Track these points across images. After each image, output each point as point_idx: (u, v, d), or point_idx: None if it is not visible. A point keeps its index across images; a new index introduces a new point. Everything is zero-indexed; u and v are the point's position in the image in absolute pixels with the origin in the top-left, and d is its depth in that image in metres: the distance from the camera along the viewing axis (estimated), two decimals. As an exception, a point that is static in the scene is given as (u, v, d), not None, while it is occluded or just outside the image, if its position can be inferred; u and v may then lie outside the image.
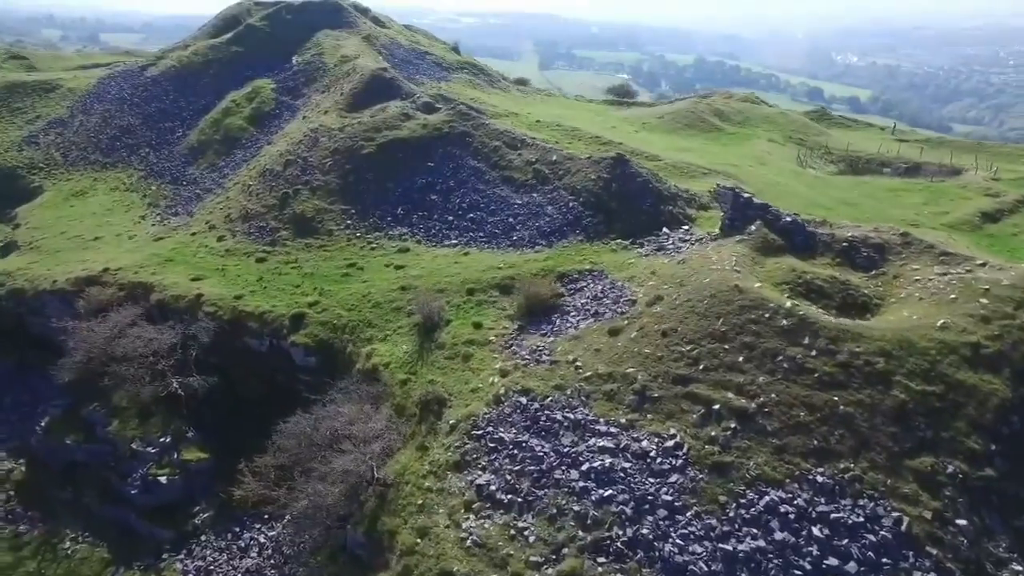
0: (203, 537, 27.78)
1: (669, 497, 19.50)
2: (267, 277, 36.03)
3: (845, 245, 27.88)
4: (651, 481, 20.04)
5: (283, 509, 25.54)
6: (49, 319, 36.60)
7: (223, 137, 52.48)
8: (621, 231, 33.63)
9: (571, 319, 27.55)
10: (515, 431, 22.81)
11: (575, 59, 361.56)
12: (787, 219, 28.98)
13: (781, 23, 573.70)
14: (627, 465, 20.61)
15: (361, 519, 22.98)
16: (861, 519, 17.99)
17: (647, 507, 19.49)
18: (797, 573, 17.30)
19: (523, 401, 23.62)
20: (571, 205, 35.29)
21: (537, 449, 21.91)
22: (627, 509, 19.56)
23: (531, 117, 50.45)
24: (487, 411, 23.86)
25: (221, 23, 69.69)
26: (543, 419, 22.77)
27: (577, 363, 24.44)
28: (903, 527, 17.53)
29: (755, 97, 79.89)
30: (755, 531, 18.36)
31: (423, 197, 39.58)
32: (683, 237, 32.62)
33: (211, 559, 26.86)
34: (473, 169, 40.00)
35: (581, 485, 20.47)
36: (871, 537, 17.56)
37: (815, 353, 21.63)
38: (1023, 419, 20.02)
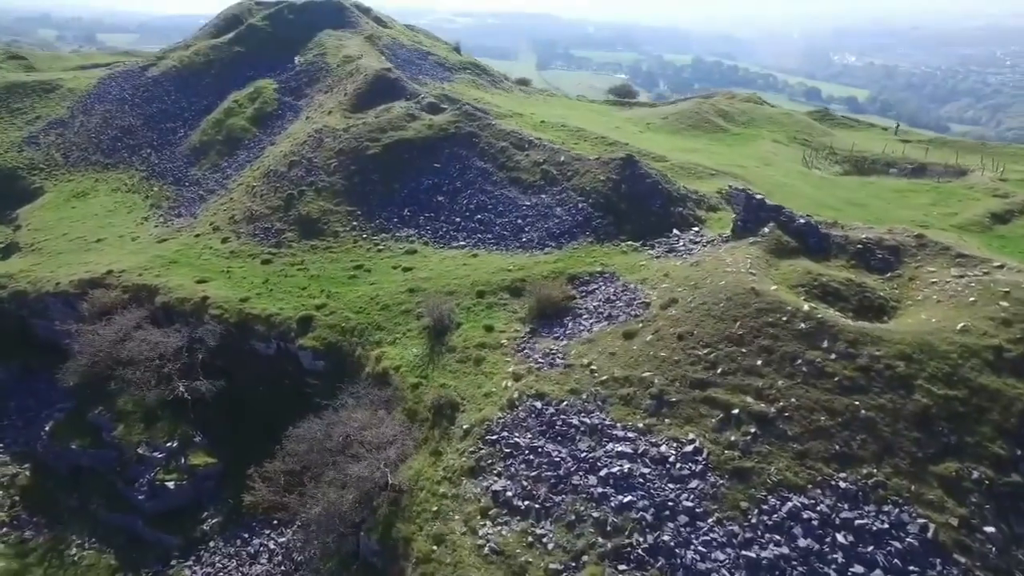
0: (212, 543, 27.44)
1: (690, 503, 19.24)
2: (273, 279, 35.68)
3: (859, 247, 27.62)
4: (671, 487, 19.80)
5: (294, 515, 25.21)
6: (53, 322, 36.30)
7: (225, 138, 52.10)
8: (631, 233, 33.32)
9: (584, 322, 27.27)
10: (530, 436, 22.55)
11: (573, 59, 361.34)
12: (800, 221, 28.74)
13: (778, 23, 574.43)
14: (646, 471, 20.36)
15: (374, 526, 22.68)
16: (886, 526, 17.74)
17: (667, 513, 19.25)
18: (822, 581, 17.09)
19: (538, 406, 23.35)
20: (580, 206, 34.97)
21: (554, 454, 21.64)
22: (647, 515, 19.31)
23: (535, 117, 50.11)
24: (501, 416, 23.58)
25: (222, 23, 69.30)
26: (559, 424, 22.49)
27: (592, 367, 24.17)
28: (929, 534, 17.28)
29: (758, 97, 79.77)
30: (778, 538, 18.13)
31: (430, 198, 39.26)
32: (694, 239, 32.35)
33: (220, 566, 26.52)
34: (480, 170, 39.68)
35: (600, 491, 20.22)
36: (897, 544, 17.31)
37: (834, 357, 21.38)
38: (1048, 424, 19.80)
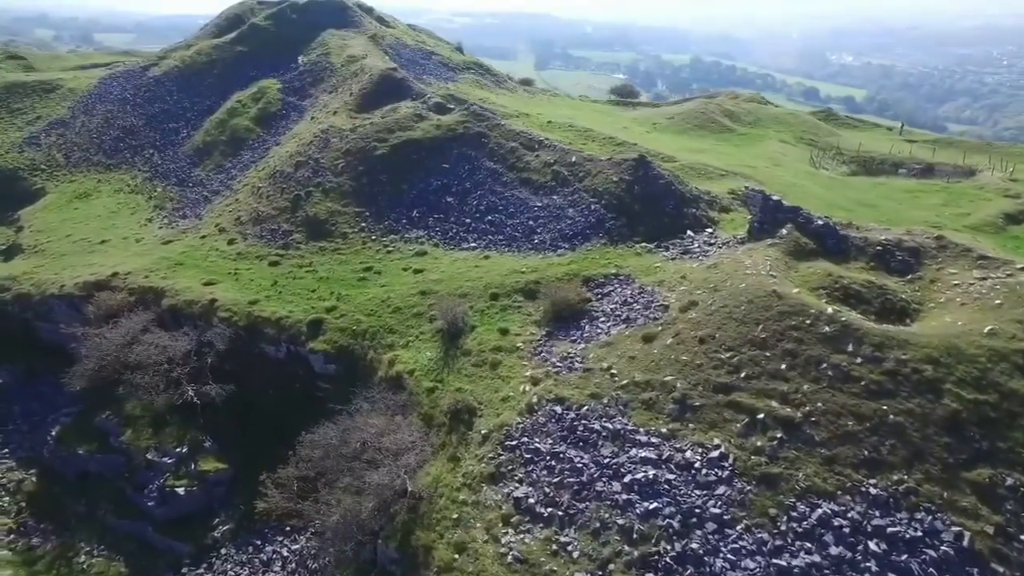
0: (223, 551, 26.96)
1: (717, 510, 18.91)
2: (282, 281, 35.25)
3: (879, 249, 27.35)
4: (697, 493, 19.46)
5: (308, 522, 24.82)
6: (58, 325, 35.83)
7: (229, 138, 51.63)
8: (645, 234, 32.96)
9: (601, 325, 26.91)
10: (551, 441, 22.19)
11: (571, 59, 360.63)
12: (819, 222, 28.44)
13: (777, 23, 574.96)
14: (671, 477, 20.03)
15: (392, 533, 22.27)
16: (919, 533, 17.43)
17: (695, 520, 18.92)
18: (856, 590, 16.80)
19: (558, 410, 22.99)
20: (593, 207, 34.60)
21: (576, 460, 21.29)
22: (674, 523, 18.97)
23: (542, 118, 49.70)
24: (520, 421, 23.22)
25: (224, 23, 68.77)
26: (580, 429, 22.14)
27: (612, 371, 23.81)
28: (965, 542, 16.97)
29: (761, 97, 79.61)
30: (809, 545, 17.80)
31: (439, 199, 38.87)
32: (708, 240, 32.04)
33: (232, 573, 26.07)
34: (490, 171, 39.29)
35: (624, 498, 19.88)
36: (931, 552, 17.00)
37: (860, 360, 21.07)
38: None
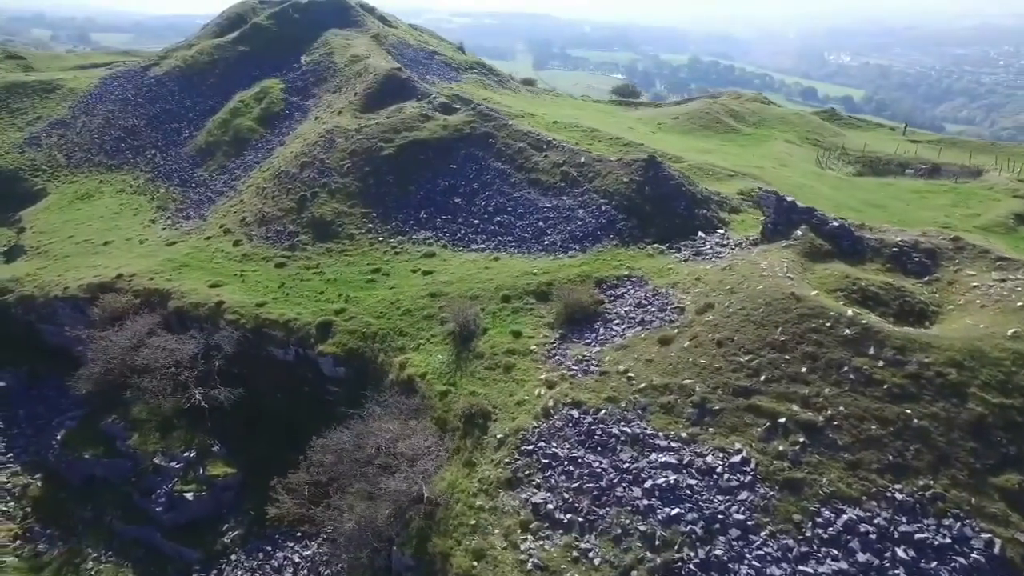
0: (233, 556, 26.57)
1: (741, 516, 18.62)
2: (289, 283, 34.88)
3: (895, 250, 27.10)
4: (720, 499, 19.18)
5: (319, 528, 24.47)
6: (62, 327, 35.40)
7: (232, 138, 51.23)
8: (656, 235, 32.67)
9: (615, 327, 26.62)
10: (569, 446, 21.88)
11: (569, 59, 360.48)
12: (834, 223, 28.19)
13: (776, 23, 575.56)
14: (693, 482, 19.74)
15: (408, 540, 21.95)
16: (948, 540, 17.17)
17: (718, 526, 18.63)
18: (885, 598, 16.54)
19: (575, 414, 22.69)
20: (603, 208, 34.29)
21: (595, 465, 20.99)
22: (697, 529, 18.68)
23: (547, 118, 49.47)
24: (536, 425, 22.91)
25: (225, 22, 68.33)
26: (598, 433, 21.84)
27: (629, 374, 23.52)
28: (996, 550, 16.71)
29: (764, 97, 79.57)
30: (835, 552, 17.53)
31: (446, 200, 38.53)
32: (720, 241, 31.78)
33: (243, 580, 25.75)
34: (498, 171, 38.97)
35: (645, 503, 19.59)
36: (961, 560, 16.74)
37: (882, 364, 20.81)
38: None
